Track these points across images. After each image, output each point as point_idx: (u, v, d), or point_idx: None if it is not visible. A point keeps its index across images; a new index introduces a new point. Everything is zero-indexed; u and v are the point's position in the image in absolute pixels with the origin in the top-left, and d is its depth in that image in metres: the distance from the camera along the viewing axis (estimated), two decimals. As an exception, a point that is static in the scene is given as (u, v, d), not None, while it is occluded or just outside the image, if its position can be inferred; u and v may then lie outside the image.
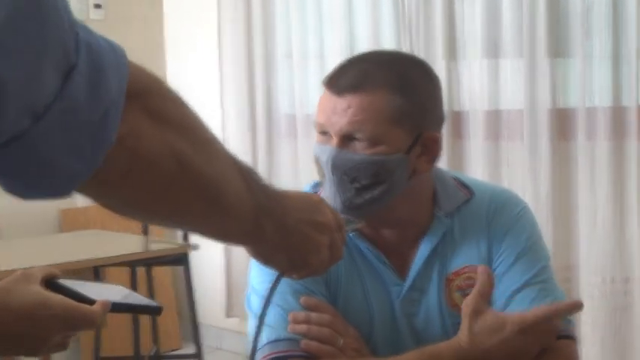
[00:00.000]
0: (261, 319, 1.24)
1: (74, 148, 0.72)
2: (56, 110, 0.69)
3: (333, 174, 1.48)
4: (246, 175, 0.94)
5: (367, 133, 1.46)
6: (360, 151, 1.47)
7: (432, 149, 1.52)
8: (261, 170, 4.27)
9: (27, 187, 0.74)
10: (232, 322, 4.69)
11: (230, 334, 4.80)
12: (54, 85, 0.68)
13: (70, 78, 0.69)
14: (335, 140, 1.47)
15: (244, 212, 0.94)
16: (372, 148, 1.47)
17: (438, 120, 1.56)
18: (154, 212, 0.90)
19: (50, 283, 1.12)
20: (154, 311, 1.18)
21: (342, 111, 1.46)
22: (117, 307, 1.15)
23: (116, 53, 0.75)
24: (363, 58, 1.57)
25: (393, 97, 1.47)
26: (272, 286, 1.17)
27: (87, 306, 1.15)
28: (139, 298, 1.17)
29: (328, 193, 1.50)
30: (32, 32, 0.66)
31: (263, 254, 1.07)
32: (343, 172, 1.47)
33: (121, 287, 1.20)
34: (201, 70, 4.75)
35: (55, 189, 0.75)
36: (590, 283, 3.27)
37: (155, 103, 0.80)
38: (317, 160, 1.52)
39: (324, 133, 1.50)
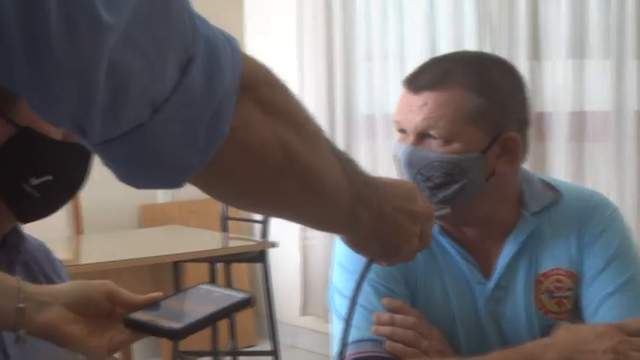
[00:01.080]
0: (350, 313, 1.22)
1: (189, 140, 0.72)
2: (174, 102, 0.70)
3: (407, 172, 1.48)
4: (346, 165, 0.94)
5: (442, 130, 1.45)
6: (435, 148, 1.46)
7: (512, 150, 1.50)
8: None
9: (141, 177, 0.75)
10: (307, 320, 4.71)
11: (305, 332, 4.82)
12: (173, 78, 0.69)
13: (189, 71, 0.70)
14: (411, 138, 1.47)
15: (342, 202, 0.95)
16: (447, 145, 1.45)
17: (521, 121, 1.53)
18: (260, 201, 0.90)
19: (127, 320, 1.04)
20: (244, 305, 1.12)
21: (418, 108, 1.46)
22: (202, 324, 1.04)
23: (231, 45, 0.75)
24: (445, 57, 1.58)
25: (471, 95, 1.46)
26: (362, 273, 1.16)
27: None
28: (225, 297, 1.07)
29: None
30: (158, 26, 0.67)
31: (356, 241, 1.08)
32: (417, 170, 1.47)
33: (206, 287, 1.10)
34: (280, 70, 4.74)
35: (169, 179, 0.76)
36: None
37: (265, 95, 0.80)
38: (395, 158, 1.52)
39: (402, 131, 1.50)
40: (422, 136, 1.47)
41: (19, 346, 1.11)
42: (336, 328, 1.53)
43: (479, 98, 1.46)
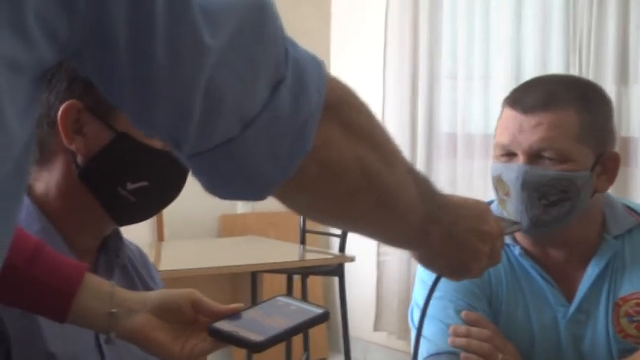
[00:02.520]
0: (421, 322, 1.24)
1: (274, 155, 0.77)
2: (263, 119, 0.74)
3: (522, 190, 1.48)
4: (421, 184, 0.97)
5: (557, 150, 1.47)
6: (550, 167, 1.48)
7: (611, 168, 1.54)
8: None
9: (227, 189, 0.80)
10: (379, 336, 4.71)
11: (376, 348, 4.82)
12: (264, 96, 0.74)
13: (278, 90, 0.75)
14: (523, 157, 1.49)
15: (415, 220, 0.98)
16: (561, 164, 1.48)
17: (615, 140, 1.57)
18: (336, 216, 0.94)
19: (210, 329, 1.07)
20: (321, 320, 1.14)
21: (532, 128, 1.48)
22: (282, 338, 1.06)
23: (318, 67, 0.80)
24: (542, 80, 1.60)
25: (581, 115, 1.49)
26: (431, 287, 1.18)
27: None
28: (302, 312, 1.09)
29: (512, 211, 1.51)
30: (252, 49, 0.72)
31: (426, 258, 1.10)
32: (534, 188, 1.48)
33: (283, 300, 1.12)
34: (364, 86, 4.79)
35: (253, 192, 0.81)
36: None
37: (348, 116, 0.84)
38: (498, 179, 1.52)
39: (508, 154, 1.51)
40: (535, 157, 1.49)
41: (110, 346, 1.15)
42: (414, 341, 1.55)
43: (587, 118, 1.49)
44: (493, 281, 1.56)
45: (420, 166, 4.39)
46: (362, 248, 4.15)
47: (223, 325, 1.07)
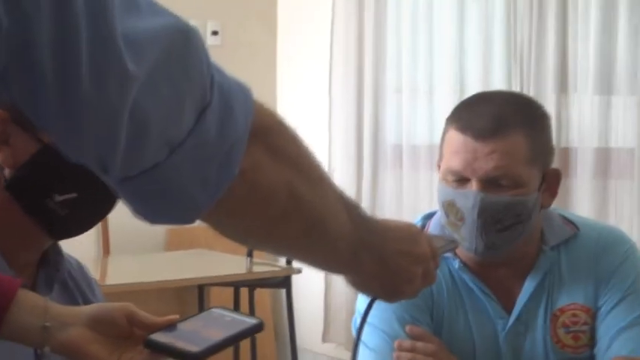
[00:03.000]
0: (358, 338, 1.26)
1: (201, 180, 0.78)
2: (189, 145, 0.76)
3: (479, 217, 1.49)
4: (351, 210, 0.98)
5: (511, 177, 1.49)
6: (504, 193, 1.49)
7: (554, 184, 1.57)
8: (365, 200, 4.31)
9: (155, 213, 0.81)
10: (328, 348, 4.71)
11: (325, 359, 4.82)
12: (190, 122, 0.75)
13: (204, 116, 0.76)
14: (477, 184, 1.49)
15: (346, 246, 0.99)
16: (515, 189, 1.50)
17: (554, 155, 1.61)
18: (265, 241, 0.95)
19: (147, 341, 1.07)
20: (256, 330, 1.16)
21: (485, 156, 1.49)
22: (218, 348, 1.07)
23: (244, 93, 0.81)
24: (486, 99, 1.60)
25: (529, 137, 1.51)
26: (365, 311, 1.20)
27: None
28: (238, 322, 1.12)
29: (467, 235, 1.52)
30: (177, 75, 0.74)
31: (359, 283, 1.11)
32: (490, 214, 1.49)
33: (218, 312, 1.14)
34: (310, 99, 4.83)
35: (181, 216, 0.82)
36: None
37: (275, 141, 0.85)
38: (451, 204, 1.52)
39: (459, 180, 1.52)
40: (490, 183, 1.49)
41: None
42: (361, 354, 1.57)
43: (534, 139, 1.52)
44: (435, 293, 1.58)
45: (366, 178, 4.42)
46: (309, 260, 4.15)
47: (159, 337, 1.08)
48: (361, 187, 4.41)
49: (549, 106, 3.46)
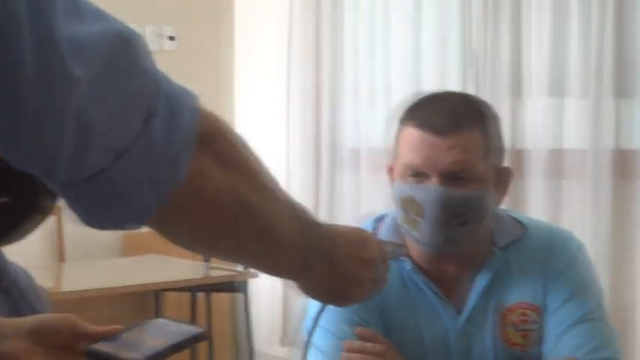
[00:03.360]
0: (307, 344, 1.27)
1: (147, 185, 0.78)
2: (135, 151, 0.76)
3: (440, 212, 1.50)
4: (300, 215, 0.99)
5: (470, 171, 1.51)
6: (464, 188, 1.51)
7: (505, 182, 1.59)
8: (324, 204, 4.31)
9: (101, 219, 0.81)
10: (287, 351, 4.71)
11: (285, 364, 4.82)
12: (135, 129, 0.75)
13: (150, 122, 0.76)
14: (437, 179, 1.51)
15: (295, 251, 0.99)
16: (474, 184, 1.52)
17: (504, 153, 1.63)
18: (214, 247, 0.96)
19: (88, 350, 1.07)
20: (198, 339, 1.17)
21: (445, 150, 1.50)
22: (160, 357, 1.08)
23: (190, 100, 0.81)
24: (440, 98, 1.62)
25: (484, 134, 1.54)
26: (316, 317, 1.20)
27: None
28: (180, 331, 1.12)
29: (427, 231, 1.52)
30: (122, 81, 0.74)
31: (308, 287, 1.11)
32: (451, 209, 1.50)
33: (162, 321, 1.16)
34: (268, 102, 4.82)
35: (127, 221, 0.82)
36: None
37: (222, 148, 0.86)
38: (409, 199, 1.53)
39: (416, 175, 1.53)
40: (449, 177, 1.51)
41: None
42: (311, 356, 1.56)
43: (488, 137, 1.54)
44: (385, 295, 1.58)
45: (324, 181, 4.42)
46: (266, 264, 4.14)
47: (102, 347, 1.07)
48: (319, 191, 4.41)
49: (504, 108, 3.50)
